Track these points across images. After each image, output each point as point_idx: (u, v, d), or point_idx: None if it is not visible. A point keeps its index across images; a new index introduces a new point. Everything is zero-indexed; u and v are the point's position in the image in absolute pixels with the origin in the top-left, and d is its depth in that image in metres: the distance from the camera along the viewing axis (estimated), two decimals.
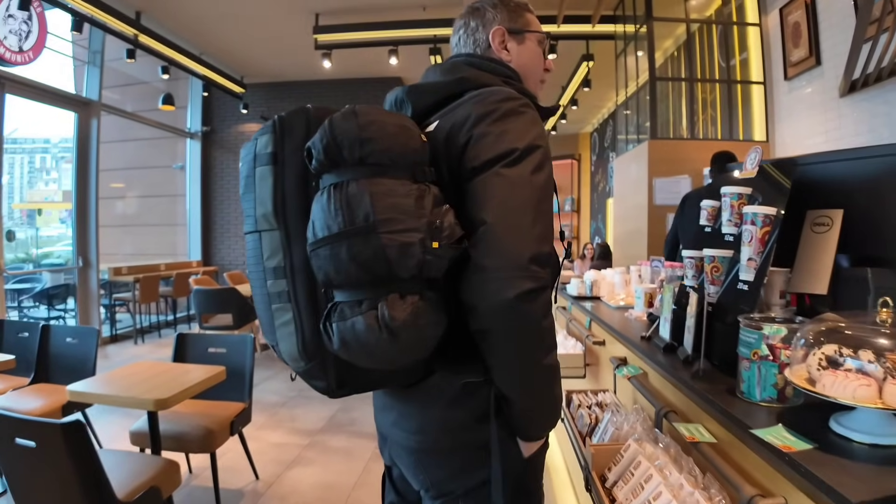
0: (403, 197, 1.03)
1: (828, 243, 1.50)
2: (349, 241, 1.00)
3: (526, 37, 1.42)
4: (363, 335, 1.01)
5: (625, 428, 1.70)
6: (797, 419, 1.15)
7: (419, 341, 1.07)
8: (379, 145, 1.04)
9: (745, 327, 1.27)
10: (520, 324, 1.07)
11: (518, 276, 1.05)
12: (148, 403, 2.58)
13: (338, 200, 1.02)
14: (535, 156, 1.14)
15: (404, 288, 1.03)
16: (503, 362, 1.14)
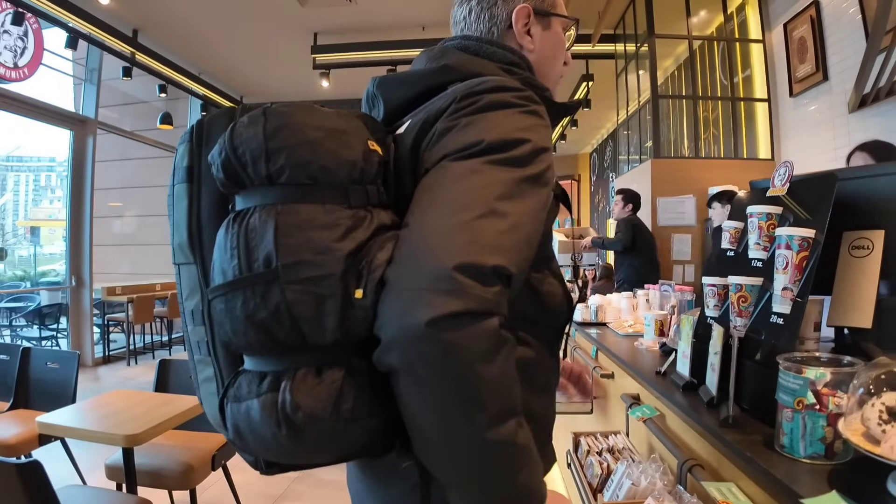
0: (326, 229, 0.73)
1: (869, 269, 1.32)
2: (244, 293, 0.73)
3: (552, 21, 1.12)
4: (259, 426, 0.73)
5: (642, 483, 1.51)
6: (850, 481, 0.98)
7: (341, 436, 0.74)
8: (294, 158, 0.75)
9: (785, 370, 1.08)
10: (434, 362, 0.68)
11: (436, 289, 0.68)
12: (119, 439, 2.40)
13: (235, 236, 0.75)
14: (512, 150, 0.79)
15: (325, 359, 0.73)
16: (417, 423, 0.74)
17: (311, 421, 0.71)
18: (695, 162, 5.98)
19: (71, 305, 7.79)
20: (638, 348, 2.40)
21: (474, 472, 0.74)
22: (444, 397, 0.70)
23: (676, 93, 7.45)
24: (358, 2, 6.64)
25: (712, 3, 6.24)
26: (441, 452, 0.75)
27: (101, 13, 6.67)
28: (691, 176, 5.43)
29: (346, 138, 0.79)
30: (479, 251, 0.70)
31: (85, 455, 3.74)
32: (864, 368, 1.00)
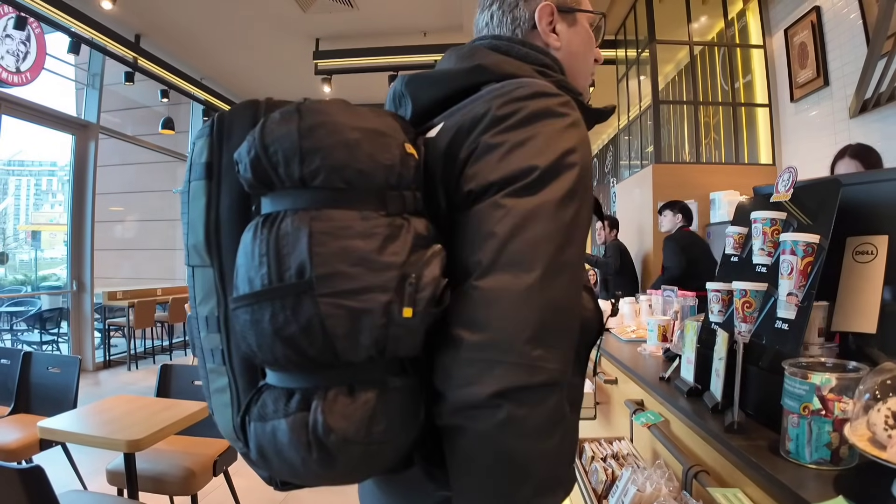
0: (363, 238, 0.68)
1: (873, 274, 1.32)
2: (273, 305, 0.67)
3: (578, 17, 1.06)
4: (286, 449, 0.68)
5: (647, 489, 1.50)
6: (856, 486, 0.97)
7: (373, 459, 0.71)
8: (330, 160, 0.69)
9: (791, 376, 1.08)
10: (494, 431, 0.67)
11: (504, 360, 0.67)
12: (120, 444, 2.39)
13: (264, 242, 0.69)
14: (564, 178, 0.75)
15: (357, 377, 0.70)
16: (465, 487, 0.72)
17: (344, 445, 0.67)
18: (696, 167, 5.98)
19: (72, 310, 7.78)
20: (641, 354, 2.39)
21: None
22: (492, 469, 0.69)
23: (677, 98, 7.45)
24: (360, 8, 6.65)
25: (713, 8, 6.25)
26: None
27: (104, 18, 6.68)
28: (692, 181, 5.43)
29: (385, 140, 0.75)
30: (549, 315, 0.70)
31: (86, 460, 3.73)
32: (870, 374, 1.00)
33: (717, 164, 6.33)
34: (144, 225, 11.63)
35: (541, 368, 0.68)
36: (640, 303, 3.16)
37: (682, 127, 7.16)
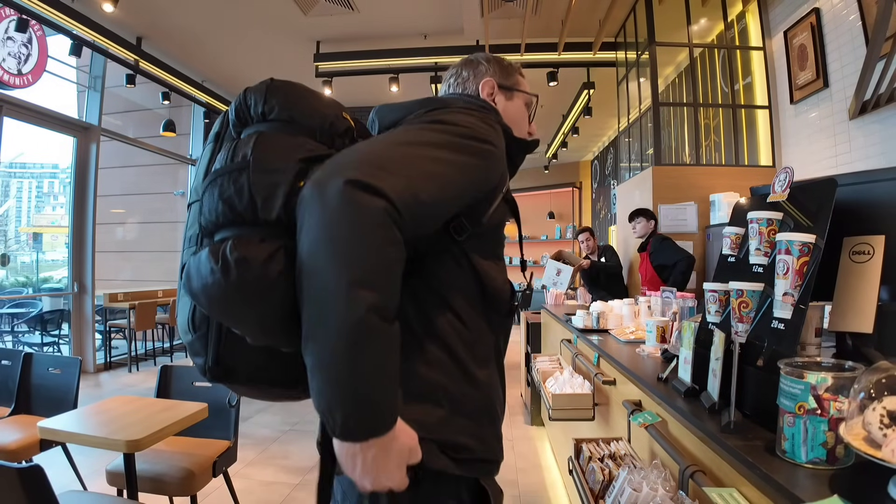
0: (288, 145, 0.98)
1: (870, 274, 1.32)
2: (222, 179, 0.96)
3: (515, 94, 1.39)
4: (202, 266, 0.90)
5: (644, 489, 1.50)
6: (851, 486, 0.97)
7: (267, 292, 0.88)
8: (281, 101, 1.03)
9: (786, 375, 1.08)
10: (326, 211, 0.84)
11: (349, 167, 0.87)
12: (120, 445, 2.39)
13: (231, 147, 1.00)
14: (454, 128, 1.04)
15: (267, 234, 0.92)
16: (297, 267, 0.87)
17: (243, 262, 0.88)
18: (696, 169, 5.98)
19: (73, 312, 7.79)
20: (639, 355, 2.39)
21: (327, 325, 0.83)
22: (322, 243, 0.84)
23: (677, 100, 7.45)
24: (360, 10, 6.65)
25: (713, 11, 6.25)
26: (309, 292, 0.85)
27: (106, 21, 6.68)
28: (693, 183, 5.43)
29: (326, 100, 1.08)
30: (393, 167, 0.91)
31: (86, 461, 3.74)
32: (865, 373, 1.00)
33: (717, 166, 6.32)
34: (145, 227, 11.63)
35: (375, 179, 0.86)
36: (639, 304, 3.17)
37: (682, 129, 7.16)
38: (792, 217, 1.39)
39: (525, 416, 5.65)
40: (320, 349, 0.83)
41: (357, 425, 0.86)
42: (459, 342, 1.11)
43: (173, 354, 9.24)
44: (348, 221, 0.82)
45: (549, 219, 15.73)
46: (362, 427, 0.86)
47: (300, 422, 5.51)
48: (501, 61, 1.40)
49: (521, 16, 6.47)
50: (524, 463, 4.37)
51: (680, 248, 4.98)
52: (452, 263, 1.11)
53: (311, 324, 0.84)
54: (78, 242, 7.82)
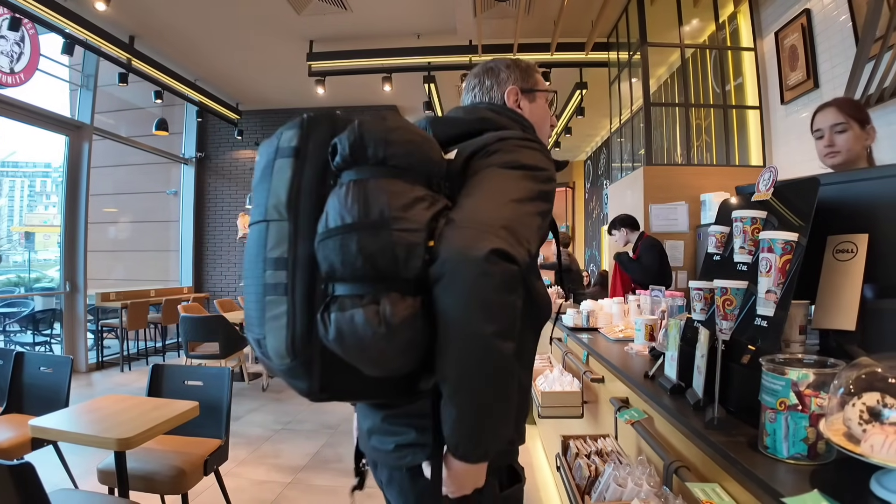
0: (416, 201, 1.04)
1: (853, 272, 1.34)
2: (360, 234, 0.99)
3: (536, 95, 1.51)
4: (361, 328, 0.98)
5: (629, 484, 1.51)
6: (833, 481, 0.99)
7: (412, 344, 1.02)
8: (401, 149, 1.06)
9: (768, 371, 1.09)
10: (475, 279, 0.97)
11: (490, 233, 1.00)
12: (111, 443, 2.39)
13: (356, 194, 1.02)
14: (537, 173, 1.17)
15: (407, 289, 1.01)
16: (442, 319, 1.01)
17: (402, 324, 0.98)
18: (687, 169, 6.01)
19: (65, 311, 7.77)
20: (628, 353, 2.40)
21: (468, 363, 1.01)
22: (470, 300, 0.97)
23: (669, 101, 7.48)
24: (354, 10, 6.65)
25: (704, 11, 6.27)
26: (456, 347, 1.00)
27: (98, 19, 6.66)
28: (684, 183, 5.45)
29: (434, 145, 1.14)
30: (509, 226, 1.04)
31: (78, 460, 3.73)
32: (845, 369, 1.02)
33: (707, 166, 6.34)
34: (138, 226, 11.60)
35: (511, 244, 1.01)
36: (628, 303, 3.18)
37: (673, 129, 7.19)
38: (777, 215, 1.41)
39: None
40: (471, 394, 1.03)
41: (484, 452, 1.10)
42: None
43: (165, 354, 9.22)
44: (493, 287, 0.97)
45: None
46: (488, 452, 1.10)
47: (292, 421, 5.51)
48: (520, 63, 1.52)
49: (514, 16, 6.48)
50: None
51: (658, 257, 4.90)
52: None
53: (464, 371, 1.02)
54: (70, 242, 7.80)
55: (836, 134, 2.19)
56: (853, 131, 2.17)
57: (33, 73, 6.82)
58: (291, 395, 6.53)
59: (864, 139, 2.19)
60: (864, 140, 2.19)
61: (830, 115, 2.22)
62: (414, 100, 9.41)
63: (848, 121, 2.17)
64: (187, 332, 6.73)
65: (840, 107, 2.21)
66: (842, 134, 2.18)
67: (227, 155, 10.77)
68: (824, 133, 2.23)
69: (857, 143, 2.17)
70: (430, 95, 8.55)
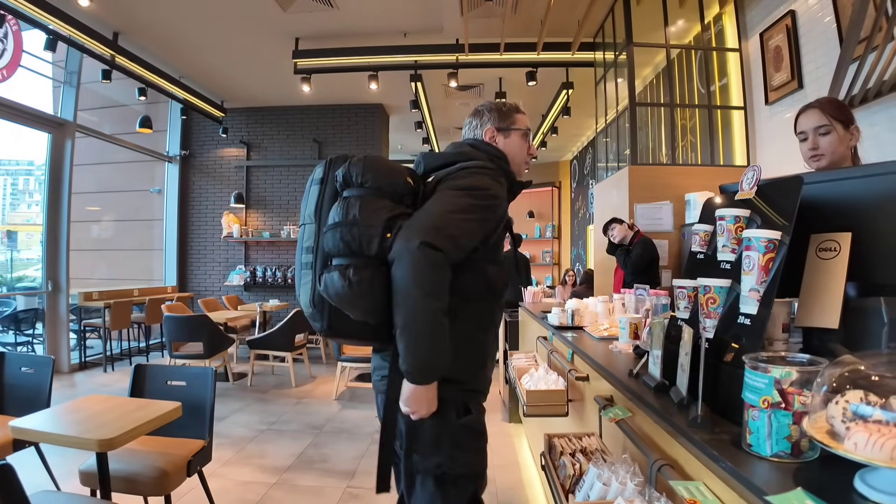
0: (379, 208, 1.64)
1: (836, 270, 1.34)
2: (342, 228, 1.62)
3: (511, 132, 2.00)
4: (336, 282, 1.59)
5: (613, 483, 1.51)
6: (816, 479, 0.99)
7: (369, 295, 1.60)
8: (373, 177, 1.69)
9: (751, 369, 1.09)
10: (413, 259, 1.55)
11: (423, 231, 1.57)
12: (92, 444, 2.37)
13: (343, 204, 1.66)
14: (475, 192, 1.71)
15: (368, 262, 1.60)
16: (394, 286, 1.58)
17: (360, 283, 1.58)
18: (672, 169, 6.03)
19: (47, 311, 7.68)
20: (612, 351, 2.41)
21: (407, 311, 1.57)
22: (412, 274, 1.55)
23: (655, 101, 7.51)
24: (340, 7, 6.62)
25: (690, 12, 6.30)
26: (401, 303, 1.57)
27: (82, 15, 6.58)
28: (668, 182, 5.46)
29: (400, 174, 1.74)
30: (449, 231, 1.62)
31: (60, 461, 3.69)
32: (828, 367, 1.02)
33: (692, 166, 6.37)
34: (121, 225, 11.50)
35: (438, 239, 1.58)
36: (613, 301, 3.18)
37: (659, 129, 7.22)
38: (760, 214, 1.41)
39: (503, 413, 5.67)
40: (410, 333, 1.57)
41: (425, 377, 1.62)
42: (471, 317, 1.78)
43: (149, 354, 9.14)
44: (424, 265, 1.55)
45: (528, 218, 15.78)
46: (428, 377, 1.63)
47: (277, 421, 5.49)
48: (501, 108, 2.01)
49: (501, 15, 6.48)
50: (501, 460, 4.39)
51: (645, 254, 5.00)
52: (469, 270, 1.73)
53: (406, 318, 1.57)
54: (52, 240, 7.71)
55: (819, 136, 2.18)
56: (837, 133, 2.15)
57: (16, 70, 6.73)
58: (276, 396, 6.51)
59: (848, 140, 2.18)
60: (848, 141, 2.18)
61: (813, 117, 2.20)
62: (400, 98, 9.39)
63: (831, 123, 2.15)
64: (171, 332, 6.67)
65: (823, 108, 2.19)
66: (825, 136, 2.16)
67: (212, 153, 10.68)
68: (808, 135, 2.21)
69: (840, 145, 2.16)
70: (417, 94, 8.53)
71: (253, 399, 6.36)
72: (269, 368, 7.93)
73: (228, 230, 10.24)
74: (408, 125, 10.86)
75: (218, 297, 9.72)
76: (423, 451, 1.72)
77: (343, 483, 3.94)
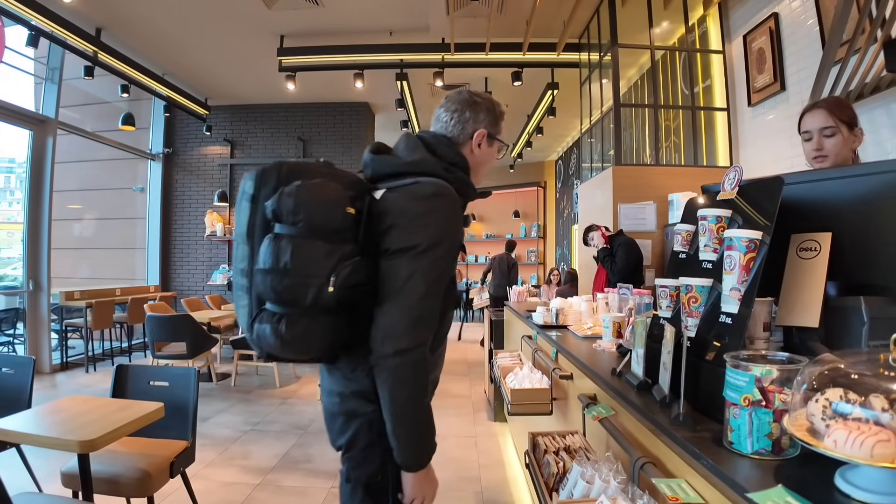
0: (313, 253, 1.42)
1: (816, 270, 1.36)
2: (272, 276, 1.42)
3: (495, 142, 1.78)
4: (267, 337, 1.45)
5: (596, 481, 1.52)
6: (797, 476, 1.00)
7: (303, 350, 1.50)
8: (305, 217, 1.43)
9: (732, 368, 1.11)
10: (395, 368, 1.46)
11: (395, 338, 1.46)
12: (73, 445, 2.34)
13: (273, 247, 1.43)
14: (436, 250, 1.49)
15: (303, 313, 1.43)
16: (382, 393, 1.50)
17: (292, 339, 1.43)
18: (656, 169, 6.07)
19: (28, 310, 7.59)
20: (596, 350, 2.42)
21: (402, 422, 1.49)
22: (392, 385, 1.47)
23: (639, 102, 7.56)
24: (325, 5, 6.60)
25: (674, 14, 6.34)
26: (387, 406, 1.49)
27: (64, 11, 6.50)
28: (652, 183, 5.50)
29: (336, 208, 1.46)
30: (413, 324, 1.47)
31: (41, 463, 3.64)
32: (809, 365, 1.03)
33: (676, 167, 6.41)
34: (103, 223, 11.38)
35: (413, 342, 1.47)
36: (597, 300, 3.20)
37: (643, 130, 7.26)
38: (742, 214, 1.42)
39: (489, 412, 5.68)
40: (403, 430, 1.50)
41: (424, 462, 1.55)
42: None
43: (132, 354, 9.06)
44: (404, 374, 1.47)
45: (514, 217, 15.84)
46: (426, 460, 1.56)
47: (261, 422, 5.46)
48: (495, 111, 1.77)
49: (487, 15, 6.49)
50: (487, 459, 4.39)
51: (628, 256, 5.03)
52: None
53: (395, 421, 1.49)
54: (33, 239, 7.62)
55: (824, 137, 2.16)
56: (842, 135, 2.14)
57: None
58: (260, 396, 6.47)
59: (852, 142, 2.16)
60: (852, 143, 2.17)
61: (819, 117, 2.19)
62: (386, 97, 9.38)
63: (837, 124, 2.14)
64: (154, 332, 6.62)
65: (829, 109, 2.18)
66: (830, 138, 2.15)
67: (196, 151, 10.61)
68: (813, 135, 2.20)
69: (845, 147, 2.15)
70: (403, 93, 8.52)
71: (237, 399, 6.32)
72: (252, 368, 7.88)
73: (212, 229, 10.18)
74: (393, 124, 10.86)
75: (201, 296, 9.64)
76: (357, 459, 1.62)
77: (328, 483, 3.93)
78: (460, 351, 9.78)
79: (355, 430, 1.59)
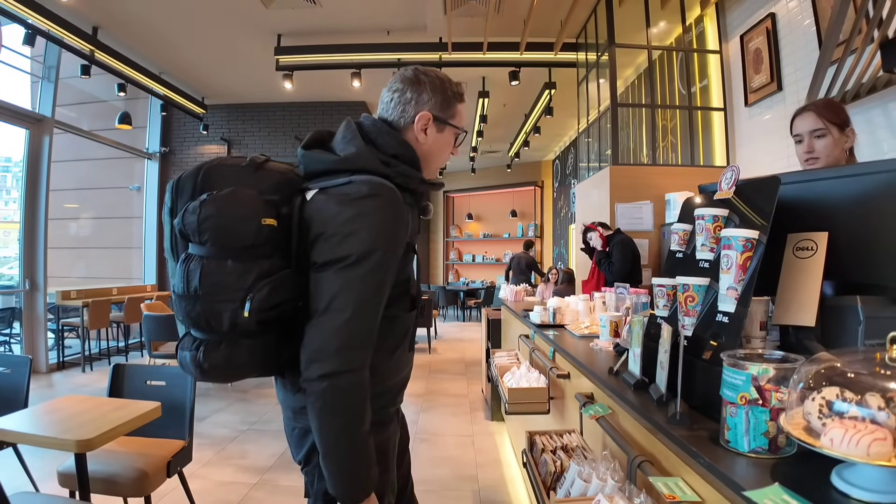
0: (225, 275, 1.29)
1: (813, 269, 1.36)
2: (185, 302, 1.31)
3: (447, 128, 1.54)
4: (188, 366, 1.36)
5: (593, 480, 1.53)
6: (794, 475, 1.00)
7: (227, 375, 1.41)
8: (211, 236, 1.29)
9: (728, 366, 1.11)
10: (318, 392, 1.31)
11: (323, 360, 1.30)
12: (70, 444, 2.34)
13: (183, 270, 1.31)
14: (369, 260, 1.32)
15: (222, 338, 1.33)
16: (311, 419, 1.35)
17: (212, 369, 1.33)
18: (652, 169, 6.08)
19: (24, 310, 7.58)
20: (593, 349, 2.43)
21: (333, 450, 1.34)
22: (320, 410, 1.32)
23: (636, 101, 7.57)
24: (322, 4, 6.60)
25: (671, 14, 6.35)
26: (318, 431, 1.34)
27: (61, 10, 6.50)
28: (649, 182, 5.51)
29: (248, 222, 1.32)
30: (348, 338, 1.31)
31: (38, 462, 3.64)
32: (805, 364, 1.03)
33: (673, 166, 6.43)
34: (100, 222, 11.36)
35: (346, 363, 1.31)
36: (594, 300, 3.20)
37: (640, 130, 7.27)
38: (739, 213, 1.43)
39: (486, 411, 5.69)
40: (334, 461, 1.34)
41: (359, 495, 1.36)
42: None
43: (128, 354, 9.05)
44: (334, 399, 1.31)
45: (511, 217, 15.86)
46: (363, 494, 1.37)
47: (259, 421, 5.45)
48: (446, 92, 1.52)
49: (484, 14, 6.49)
50: (484, 458, 4.40)
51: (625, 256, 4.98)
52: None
53: (326, 447, 1.33)
54: (30, 238, 7.61)
55: (815, 139, 2.20)
56: (832, 136, 2.17)
57: None
58: (258, 395, 6.47)
59: (843, 143, 2.20)
60: (843, 144, 2.20)
61: (809, 120, 2.22)
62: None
63: (827, 126, 2.17)
64: (150, 332, 6.60)
65: (819, 112, 2.21)
66: (821, 139, 2.18)
67: (192, 150, 10.59)
68: (804, 138, 2.23)
69: (836, 148, 2.18)
70: None
71: (234, 399, 6.32)
72: None
73: None
74: None
75: None
76: (315, 473, 1.51)
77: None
78: (458, 350, 9.78)
79: (311, 445, 1.48)
